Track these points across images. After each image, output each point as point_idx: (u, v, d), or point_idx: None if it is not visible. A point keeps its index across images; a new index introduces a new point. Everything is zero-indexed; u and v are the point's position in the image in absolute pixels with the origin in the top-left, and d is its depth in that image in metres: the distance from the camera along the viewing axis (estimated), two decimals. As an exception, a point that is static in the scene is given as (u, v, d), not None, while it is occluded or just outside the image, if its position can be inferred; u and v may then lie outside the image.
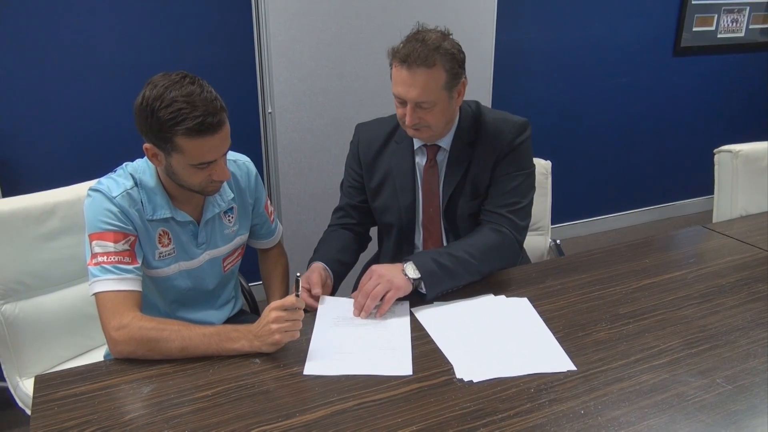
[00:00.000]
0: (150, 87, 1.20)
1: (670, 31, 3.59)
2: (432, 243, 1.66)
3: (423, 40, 1.42)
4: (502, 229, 1.54)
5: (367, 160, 1.66)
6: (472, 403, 1.10)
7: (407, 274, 1.43)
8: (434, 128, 1.50)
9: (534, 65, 3.27)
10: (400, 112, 1.48)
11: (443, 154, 1.60)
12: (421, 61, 1.40)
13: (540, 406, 1.09)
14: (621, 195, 3.85)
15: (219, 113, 1.22)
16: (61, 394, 1.12)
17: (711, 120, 3.93)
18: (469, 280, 1.50)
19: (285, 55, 2.43)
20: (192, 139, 1.20)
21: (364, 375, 1.17)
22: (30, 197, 1.56)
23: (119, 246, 1.27)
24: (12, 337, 1.53)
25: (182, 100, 1.17)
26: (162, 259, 1.38)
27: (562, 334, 1.32)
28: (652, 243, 1.83)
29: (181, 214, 1.38)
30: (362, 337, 1.30)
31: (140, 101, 1.20)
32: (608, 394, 1.12)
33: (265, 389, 1.14)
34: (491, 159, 1.56)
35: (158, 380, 1.16)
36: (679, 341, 1.29)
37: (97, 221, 1.27)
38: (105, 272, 1.25)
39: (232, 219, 1.49)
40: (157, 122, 1.19)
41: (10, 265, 1.51)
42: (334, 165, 2.65)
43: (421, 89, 1.42)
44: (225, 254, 1.49)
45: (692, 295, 1.48)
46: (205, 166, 1.26)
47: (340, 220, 1.74)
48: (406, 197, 1.62)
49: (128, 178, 1.33)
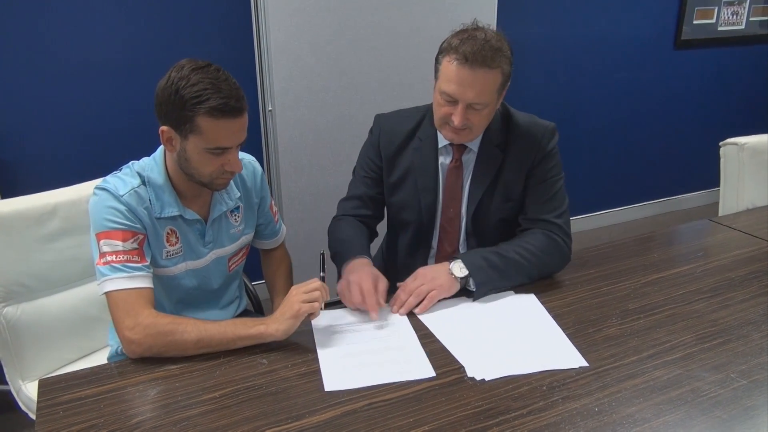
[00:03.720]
0: (176, 69, 1.22)
1: (671, 25, 3.57)
2: (448, 244, 1.62)
3: (485, 39, 1.35)
4: (554, 236, 1.51)
5: (388, 155, 1.60)
6: (484, 402, 1.08)
7: (453, 273, 1.41)
8: (476, 131, 1.46)
9: (535, 60, 3.25)
10: (444, 110, 1.42)
11: (470, 154, 1.56)
12: (486, 62, 1.34)
13: (553, 404, 1.07)
14: (622, 189, 3.84)
15: (241, 100, 1.22)
16: (66, 397, 1.10)
17: (712, 113, 3.91)
18: (519, 281, 1.47)
19: (285, 52, 2.41)
20: (212, 120, 1.19)
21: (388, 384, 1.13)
22: (30, 198, 1.54)
23: (128, 245, 1.25)
24: (14, 340, 1.51)
25: (207, 81, 1.19)
26: (169, 258, 1.36)
27: (573, 330, 1.30)
28: (659, 237, 1.81)
29: (189, 213, 1.36)
30: (369, 345, 1.26)
31: (165, 81, 1.22)
32: (622, 391, 1.11)
33: (274, 390, 1.12)
34: (525, 164, 1.53)
35: (164, 382, 1.14)
36: (691, 336, 1.27)
37: (104, 220, 1.25)
38: (115, 271, 1.23)
39: (239, 218, 1.47)
40: (179, 100, 1.19)
41: (11, 267, 1.48)
42: (335, 162, 2.64)
43: (480, 91, 1.36)
44: (231, 254, 1.48)
45: (702, 290, 1.47)
46: (219, 152, 1.24)
47: (354, 210, 1.65)
48: (428, 196, 1.58)
49: (135, 176, 1.31)
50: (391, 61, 2.59)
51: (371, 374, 1.16)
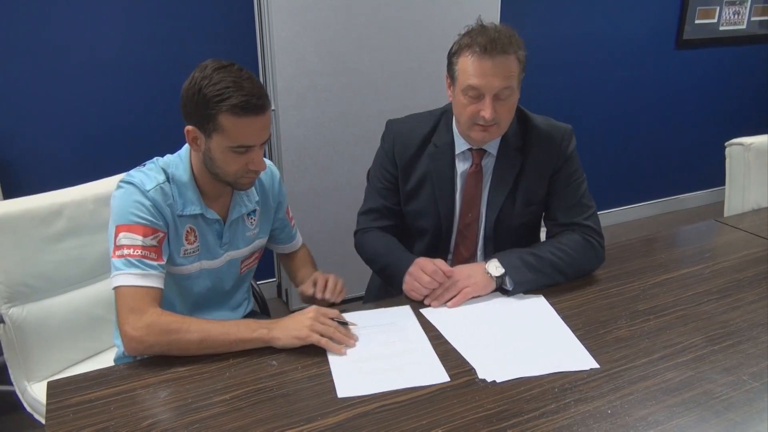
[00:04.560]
0: (199, 69, 1.23)
1: (672, 24, 3.57)
2: (465, 249, 1.61)
3: (497, 29, 1.37)
4: (588, 238, 1.51)
5: (403, 163, 1.58)
6: (496, 404, 1.08)
7: (489, 272, 1.42)
8: (503, 125, 1.45)
9: (536, 59, 3.22)
10: (472, 109, 1.40)
11: (489, 159, 1.54)
12: (504, 48, 1.35)
13: (566, 406, 1.07)
14: (623, 189, 3.84)
15: (264, 98, 1.23)
16: (75, 400, 1.09)
17: (714, 113, 3.92)
18: (555, 281, 1.47)
19: (288, 51, 2.40)
20: (235, 118, 1.19)
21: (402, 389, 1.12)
22: (36, 198, 1.53)
23: (148, 241, 1.25)
24: (19, 341, 1.50)
25: (229, 80, 1.19)
26: (186, 257, 1.36)
27: (582, 331, 1.30)
28: (666, 238, 1.81)
29: (210, 212, 1.36)
30: (381, 350, 1.24)
31: (188, 82, 1.23)
32: (634, 393, 1.10)
33: (285, 392, 1.11)
34: (547, 168, 1.52)
35: (174, 384, 1.14)
36: (702, 338, 1.27)
37: (127, 213, 1.25)
38: (129, 266, 1.22)
39: (254, 221, 1.46)
40: (202, 99, 1.19)
41: (17, 267, 1.47)
42: (339, 162, 2.63)
43: (504, 77, 1.36)
44: (244, 256, 1.47)
45: (711, 291, 1.46)
46: (243, 150, 1.24)
47: (375, 222, 1.64)
48: (446, 204, 1.57)
49: (160, 172, 1.31)
50: (395, 59, 2.59)
51: (385, 380, 1.14)
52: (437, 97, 2.63)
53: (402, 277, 1.47)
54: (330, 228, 2.67)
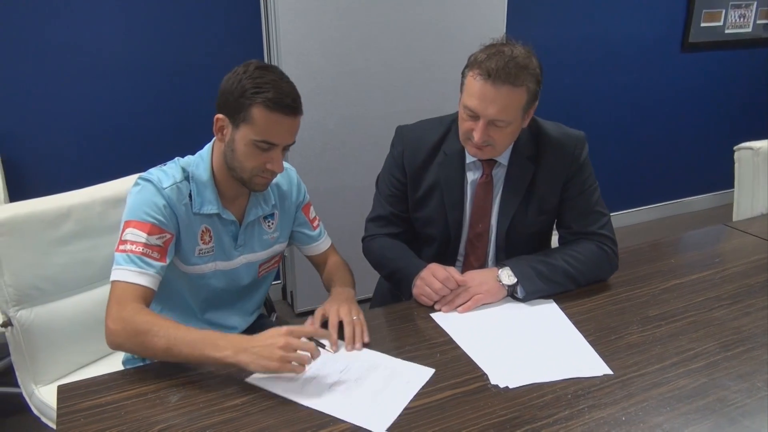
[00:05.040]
0: (244, 65, 1.25)
1: (678, 27, 3.57)
2: (475, 258, 1.60)
3: (512, 55, 1.32)
4: (604, 247, 1.50)
5: (412, 170, 1.56)
6: (509, 411, 1.07)
7: (501, 280, 1.42)
8: (498, 148, 1.43)
9: (542, 62, 3.23)
10: (467, 125, 1.39)
11: (499, 168, 1.53)
12: (510, 80, 1.31)
13: (579, 413, 1.06)
14: (628, 192, 3.83)
15: (298, 102, 1.25)
16: (86, 404, 1.09)
17: (719, 116, 3.91)
18: (567, 288, 1.47)
19: (294, 52, 2.39)
20: (266, 111, 1.21)
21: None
22: (44, 200, 1.52)
23: (152, 239, 1.24)
24: (27, 344, 1.49)
25: (270, 77, 1.22)
26: (201, 256, 1.35)
27: (594, 337, 1.30)
28: (675, 242, 1.80)
29: (226, 213, 1.36)
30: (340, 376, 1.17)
31: (231, 73, 1.25)
32: (648, 400, 1.10)
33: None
34: (559, 176, 1.51)
35: (184, 389, 1.13)
36: (714, 344, 1.26)
37: (140, 210, 1.25)
38: (128, 262, 1.22)
39: (272, 225, 1.46)
40: (240, 89, 1.21)
41: (25, 270, 1.47)
42: (344, 163, 2.63)
43: (501, 108, 1.33)
44: (262, 260, 1.46)
45: (722, 296, 1.46)
46: (266, 147, 1.24)
47: (383, 229, 1.62)
48: (455, 213, 1.55)
49: (179, 171, 1.31)
50: (401, 61, 2.58)
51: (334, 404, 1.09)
52: (443, 99, 2.63)
53: (411, 282, 1.46)
54: (336, 229, 2.63)
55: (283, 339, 1.11)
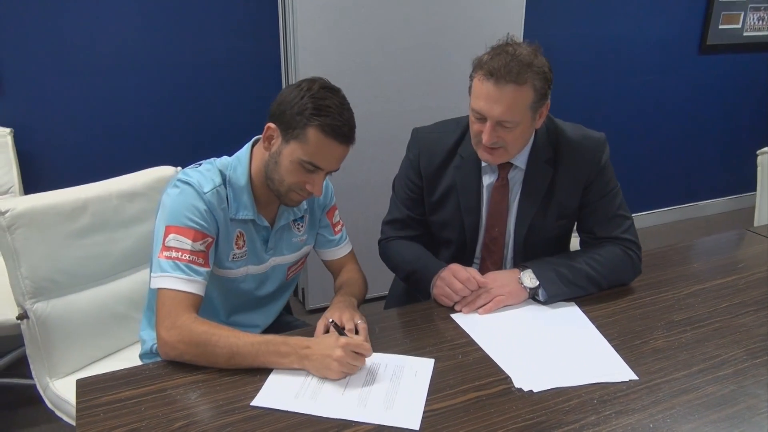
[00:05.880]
0: (309, 80, 1.24)
1: (696, 29, 3.53)
2: (491, 263, 1.58)
3: (515, 55, 1.30)
4: (628, 252, 1.48)
5: (428, 173, 1.54)
6: (534, 415, 1.05)
7: (523, 283, 1.40)
8: (510, 151, 1.40)
9: (559, 62, 3.19)
10: (476, 128, 1.38)
11: (516, 172, 1.50)
12: (512, 78, 1.29)
13: (606, 419, 1.04)
14: (643, 195, 3.80)
15: (353, 133, 1.25)
16: (105, 399, 1.08)
17: (736, 119, 3.87)
18: (589, 292, 1.45)
19: (311, 49, 2.38)
20: (322, 135, 1.20)
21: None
22: (60, 193, 1.51)
23: (197, 245, 1.23)
24: (43, 337, 1.48)
25: (334, 102, 1.21)
26: (234, 261, 1.34)
27: (618, 341, 1.27)
28: (697, 246, 1.78)
29: (260, 218, 1.34)
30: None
31: (295, 86, 1.24)
32: (675, 407, 1.08)
33: (317, 397, 1.09)
34: (580, 180, 1.48)
35: (204, 386, 1.12)
36: (742, 351, 1.24)
37: (181, 215, 1.23)
38: (176, 269, 1.20)
39: (302, 228, 1.44)
40: (302, 105, 1.20)
41: (42, 262, 1.46)
42: (359, 161, 2.61)
43: (507, 107, 1.31)
44: (290, 263, 1.45)
45: (747, 302, 1.43)
46: (311, 169, 1.24)
47: (399, 232, 1.61)
48: (471, 216, 1.53)
49: (217, 174, 1.29)
50: (418, 60, 2.56)
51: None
52: (459, 98, 2.59)
53: (431, 282, 1.44)
54: (350, 227, 2.64)
55: (339, 351, 1.12)
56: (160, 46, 2.40)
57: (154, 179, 1.66)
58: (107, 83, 2.37)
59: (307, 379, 1.13)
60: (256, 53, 2.56)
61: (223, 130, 2.57)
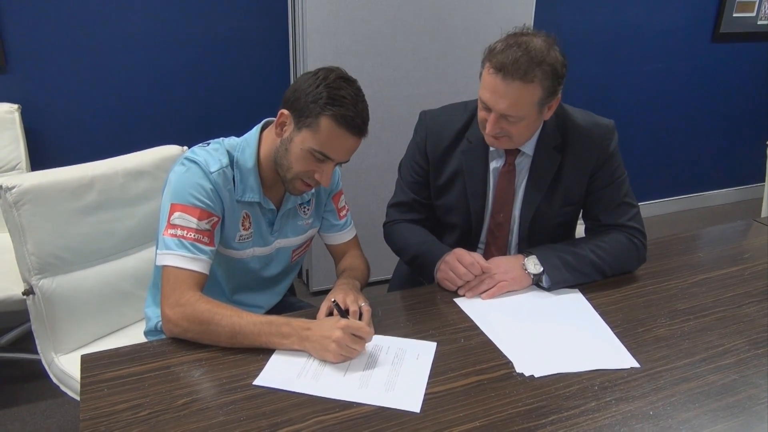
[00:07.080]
0: (326, 69, 1.23)
1: (709, 17, 3.48)
2: (496, 248, 1.57)
3: (527, 49, 1.26)
4: (633, 239, 1.47)
5: (435, 157, 1.54)
6: (535, 399, 1.06)
7: (527, 269, 1.40)
8: (516, 140, 1.39)
9: (569, 48, 3.16)
10: (482, 115, 1.37)
11: (523, 157, 1.49)
12: (519, 75, 1.26)
13: (606, 405, 1.05)
14: (650, 183, 3.77)
15: (366, 125, 1.24)
16: (109, 375, 1.09)
17: (748, 108, 3.83)
18: (593, 279, 1.44)
19: (321, 31, 2.36)
20: (335, 125, 1.19)
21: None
22: (67, 170, 1.51)
23: (202, 224, 1.23)
24: (48, 313, 1.49)
25: (350, 93, 1.20)
26: (240, 242, 1.34)
27: (621, 329, 1.27)
28: (703, 236, 1.77)
29: (267, 201, 1.34)
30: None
31: (312, 73, 1.23)
32: (676, 395, 1.08)
33: (319, 377, 1.10)
34: (587, 167, 1.47)
35: (208, 363, 1.13)
36: (744, 341, 1.24)
37: (186, 193, 1.23)
38: (181, 247, 1.21)
39: (308, 211, 1.44)
40: (317, 94, 1.19)
41: (47, 238, 1.47)
42: (367, 145, 2.58)
43: (511, 103, 1.29)
44: (295, 246, 1.45)
45: (751, 293, 1.43)
46: (321, 158, 1.23)
47: (403, 215, 1.60)
48: (477, 201, 1.52)
49: (225, 154, 1.29)
50: (428, 44, 2.54)
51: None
52: (469, 82, 2.58)
53: (434, 265, 1.44)
54: (355, 210, 2.64)
55: (338, 332, 1.12)
56: (168, 24, 2.39)
57: (161, 158, 1.66)
58: (115, 61, 2.36)
59: (309, 360, 1.14)
60: (264, 33, 2.54)
61: (230, 110, 2.56)
